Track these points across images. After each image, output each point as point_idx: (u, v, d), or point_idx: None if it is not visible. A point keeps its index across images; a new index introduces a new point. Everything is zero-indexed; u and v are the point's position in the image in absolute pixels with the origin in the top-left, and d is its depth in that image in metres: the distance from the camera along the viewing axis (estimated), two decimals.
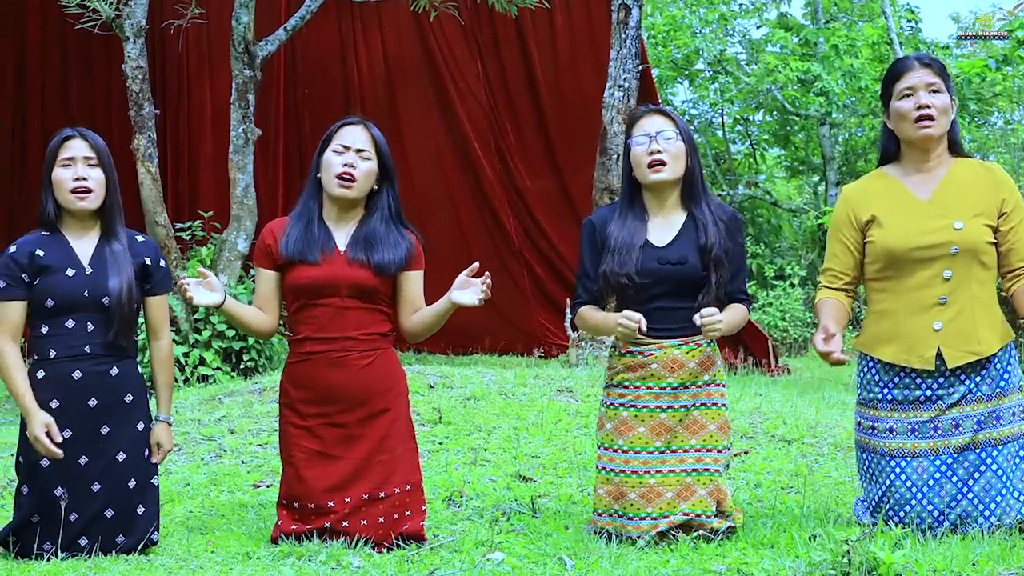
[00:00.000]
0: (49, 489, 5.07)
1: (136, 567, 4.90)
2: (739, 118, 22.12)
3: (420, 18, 13.89)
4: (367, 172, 5.37)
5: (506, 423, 7.77)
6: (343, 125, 5.46)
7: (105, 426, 5.15)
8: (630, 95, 11.63)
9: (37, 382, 5.13)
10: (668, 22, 20.78)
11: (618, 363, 5.32)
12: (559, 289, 14.21)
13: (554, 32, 14.62)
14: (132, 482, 5.19)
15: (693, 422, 5.23)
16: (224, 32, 12.09)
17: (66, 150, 5.20)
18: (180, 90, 14.58)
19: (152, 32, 11.67)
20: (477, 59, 14.74)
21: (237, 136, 11.23)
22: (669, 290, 5.21)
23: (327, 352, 5.26)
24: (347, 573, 4.81)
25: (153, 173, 11.07)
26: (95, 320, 5.13)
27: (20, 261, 5.14)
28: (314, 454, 5.26)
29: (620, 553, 4.96)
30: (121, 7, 10.95)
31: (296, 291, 5.29)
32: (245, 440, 7.58)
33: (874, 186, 5.30)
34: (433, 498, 6.04)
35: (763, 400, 8.61)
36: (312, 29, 13.49)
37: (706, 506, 5.15)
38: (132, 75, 11.00)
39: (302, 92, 14.83)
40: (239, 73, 11.24)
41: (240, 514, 5.93)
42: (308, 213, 5.41)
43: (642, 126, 5.34)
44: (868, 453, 5.23)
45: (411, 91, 14.84)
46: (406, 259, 5.37)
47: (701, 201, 5.36)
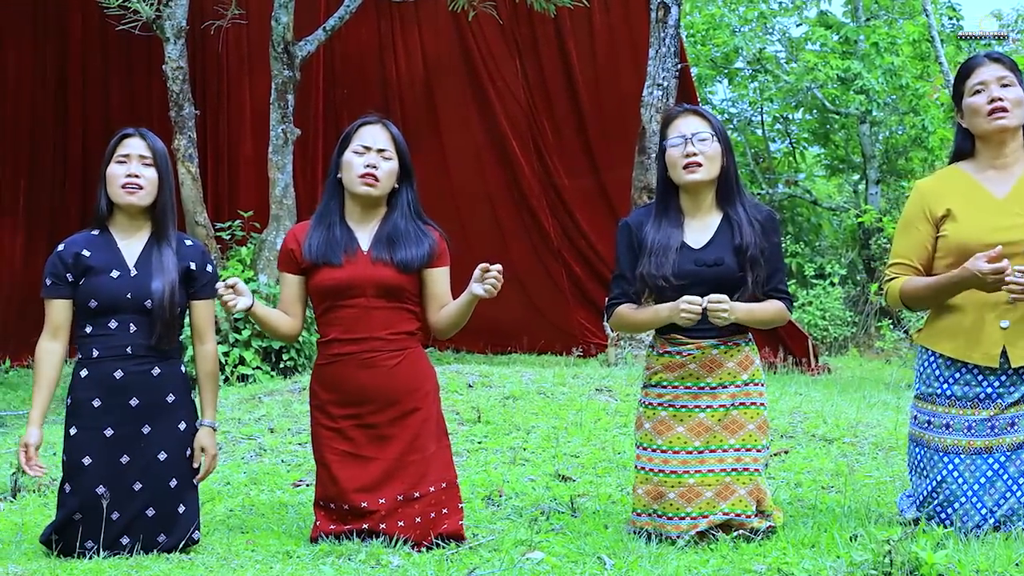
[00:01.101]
0: (91, 487, 5.10)
1: (177, 566, 4.92)
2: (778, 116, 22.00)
3: (458, 17, 13.90)
4: (389, 171, 5.37)
5: (545, 422, 7.77)
6: (362, 125, 5.45)
7: (147, 425, 5.17)
8: (669, 94, 11.60)
9: (80, 380, 5.17)
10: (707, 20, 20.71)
11: (656, 363, 5.31)
12: (598, 288, 14.18)
13: (593, 31, 14.59)
14: (173, 481, 5.21)
15: (732, 421, 5.21)
16: (264, 32, 12.13)
17: (123, 147, 5.24)
18: (220, 90, 14.64)
19: (192, 33, 11.72)
20: (516, 58, 14.73)
21: (276, 136, 11.26)
22: (706, 291, 5.18)
23: (355, 353, 5.26)
24: (387, 572, 4.81)
25: (193, 173, 11.13)
26: (137, 322, 5.15)
27: (66, 261, 5.18)
28: (346, 455, 5.26)
29: (659, 553, 4.95)
30: (162, 8, 11.01)
31: (322, 293, 5.30)
32: (285, 439, 7.61)
33: (949, 181, 5.25)
34: (472, 497, 6.04)
35: (803, 399, 8.57)
36: (351, 29, 13.52)
37: (746, 506, 5.13)
38: (172, 76, 11.05)
39: (341, 92, 14.86)
40: (278, 73, 11.27)
41: (280, 513, 5.95)
42: (329, 215, 5.42)
43: (677, 127, 5.32)
44: (921, 447, 5.19)
45: (449, 90, 14.84)
46: (429, 255, 5.36)
47: (736, 201, 5.33)
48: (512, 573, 4.78)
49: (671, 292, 5.19)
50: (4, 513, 6.18)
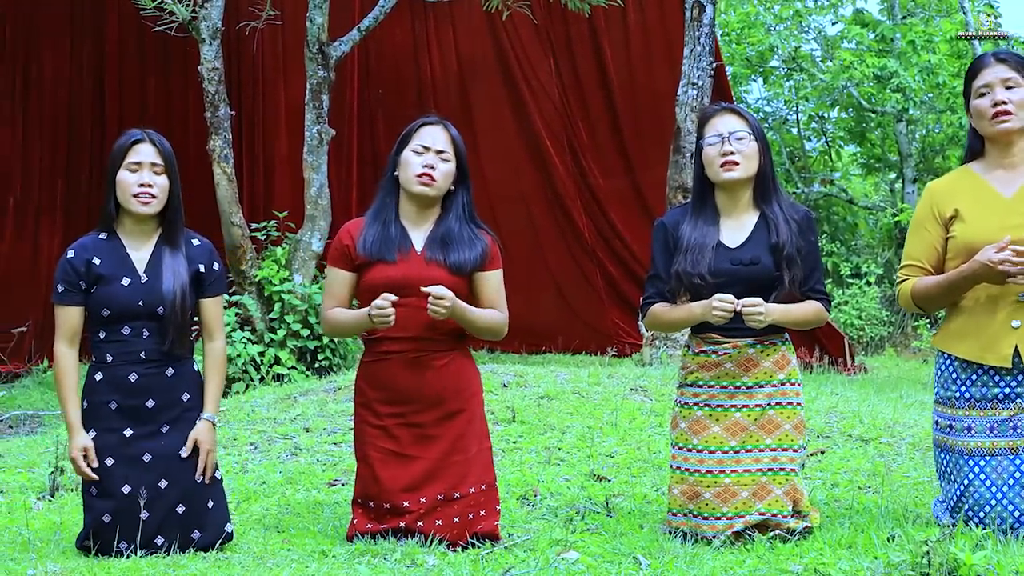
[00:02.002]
0: (117, 488, 5.11)
1: (213, 564, 4.94)
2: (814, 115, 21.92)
3: (493, 17, 13.89)
4: (446, 173, 5.36)
5: (580, 422, 7.76)
6: (423, 124, 5.44)
7: (165, 425, 5.19)
8: (704, 93, 11.56)
9: (95, 383, 5.19)
10: (742, 19, 20.65)
11: (692, 362, 5.30)
12: (632, 288, 14.16)
13: (627, 30, 14.57)
14: (198, 477, 5.22)
15: (768, 421, 5.19)
16: (299, 33, 12.16)
17: (134, 154, 5.19)
18: (255, 91, 14.69)
19: (228, 34, 11.76)
20: (550, 57, 14.72)
21: (311, 136, 11.29)
22: (743, 291, 5.17)
23: (404, 352, 5.26)
24: (422, 572, 4.81)
25: (229, 174, 11.16)
26: (150, 328, 5.16)
27: (78, 268, 5.17)
28: (390, 454, 5.26)
29: (695, 553, 4.93)
30: (197, 9, 11.05)
31: (373, 291, 5.27)
32: (320, 439, 7.62)
33: (959, 182, 5.24)
34: (507, 497, 6.04)
35: (839, 399, 8.53)
36: (385, 29, 13.54)
37: (782, 506, 5.11)
38: (208, 76, 11.08)
39: (376, 92, 14.89)
40: (313, 73, 11.30)
41: (316, 512, 5.96)
42: (385, 212, 5.41)
43: (714, 126, 5.31)
44: (946, 452, 5.16)
45: (484, 90, 14.85)
46: (481, 259, 5.35)
47: (773, 200, 5.32)
48: (547, 573, 4.77)
49: (707, 291, 5.18)
50: (43, 512, 6.21)
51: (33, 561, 5.01)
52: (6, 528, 5.81)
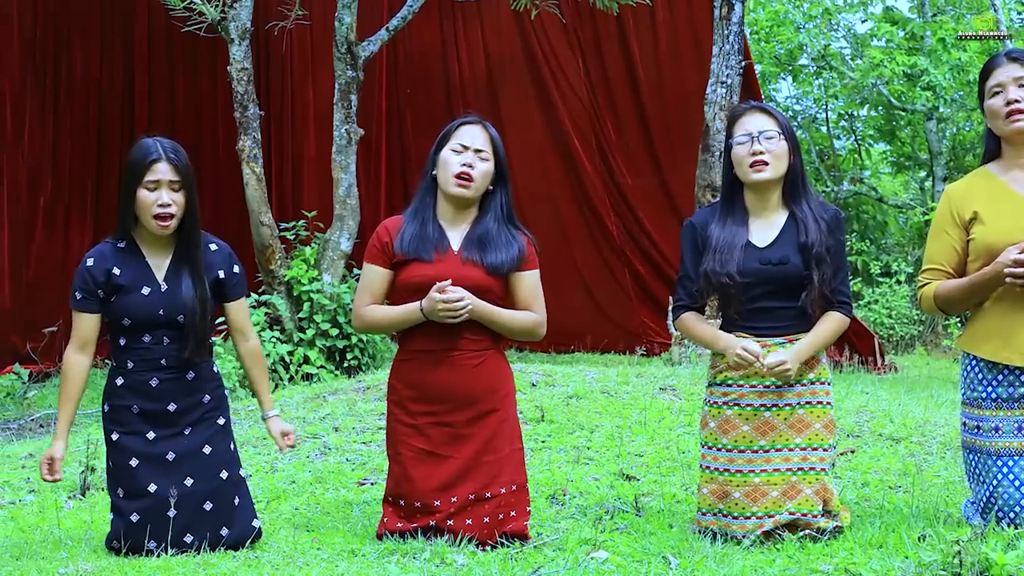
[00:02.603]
0: (143, 488, 5.13)
1: (243, 563, 4.95)
2: (843, 113, 21.82)
3: (521, 17, 13.90)
4: (484, 172, 5.36)
5: (609, 421, 7.75)
6: (462, 124, 5.43)
7: (187, 427, 5.21)
8: (733, 92, 11.53)
9: (117, 388, 5.21)
10: (771, 17, 20.57)
11: (721, 361, 5.29)
12: (661, 287, 14.13)
13: (656, 29, 14.54)
14: (224, 474, 5.24)
15: (798, 420, 5.18)
16: (327, 33, 12.19)
17: (152, 173, 5.11)
18: (284, 91, 14.72)
19: (256, 34, 11.79)
20: (578, 57, 14.70)
21: (340, 136, 11.31)
22: (772, 290, 5.16)
23: (438, 351, 5.27)
24: (451, 571, 4.81)
25: (258, 174, 11.19)
26: (171, 335, 5.18)
27: (97, 278, 5.17)
28: (422, 453, 5.26)
29: (725, 552, 4.92)
30: (226, 9, 11.08)
31: (409, 289, 5.28)
32: (349, 438, 7.63)
33: (976, 184, 5.22)
34: (536, 496, 6.04)
35: (870, 398, 8.50)
36: (414, 29, 13.56)
37: (812, 505, 5.10)
38: (237, 77, 11.12)
39: (404, 92, 14.90)
40: (342, 73, 11.32)
41: (345, 511, 5.97)
42: (423, 211, 5.41)
43: (743, 125, 5.29)
44: (975, 453, 5.13)
45: (512, 89, 14.85)
46: (518, 260, 5.36)
47: (802, 200, 5.30)
48: (577, 572, 4.77)
49: (735, 291, 5.17)
50: (73, 511, 6.25)
51: (64, 559, 5.04)
52: (38, 527, 5.85)
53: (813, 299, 5.17)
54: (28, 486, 6.95)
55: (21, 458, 7.86)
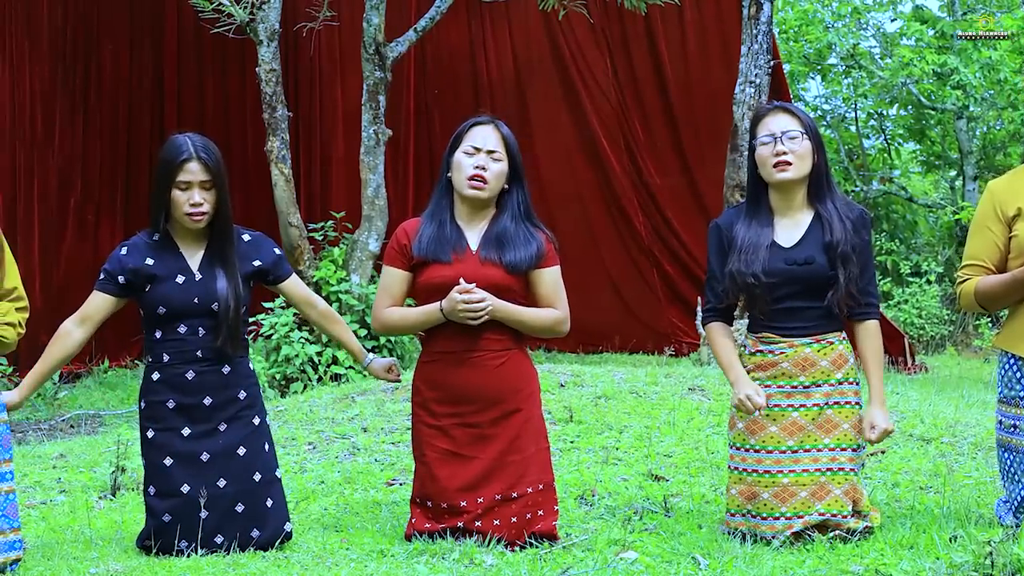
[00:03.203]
0: (176, 487, 5.16)
1: (273, 563, 4.97)
2: (873, 113, 21.71)
3: (549, 17, 13.88)
4: (498, 173, 5.36)
5: (638, 422, 7.74)
6: (473, 125, 5.44)
7: (222, 423, 5.23)
8: (761, 91, 11.50)
9: (153, 383, 5.23)
10: (800, 17, 20.48)
11: (749, 362, 5.28)
12: (689, 287, 14.10)
13: (684, 28, 14.51)
14: (257, 476, 5.26)
15: (826, 421, 5.16)
16: (355, 34, 12.20)
17: (184, 173, 5.15)
18: (312, 92, 14.74)
19: (285, 35, 11.81)
20: (606, 57, 14.68)
21: (368, 137, 11.32)
22: (797, 290, 5.16)
23: (460, 352, 5.27)
24: (480, 571, 4.82)
25: (286, 175, 11.21)
26: (206, 325, 5.20)
27: (126, 266, 5.22)
28: (447, 454, 5.27)
29: (755, 553, 4.91)
30: (255, 11, 11.11)
31: (429, 290, 5.29)
32: (378, 438, 7.64)
33: (1019, 180, 5.18)
34: (565, 497, 6.04)
35: (900, 399, 8.46)
36: (441, 29, 13.56)
37: (842, 506, 5.08)
38: (266, 78, 11.14)
39: (432, 92, 14.90)
40: (370, 74, 11.33)
41: (374, 512, 5.98)
42: (440, 213, 5.41)
43: (767, 125, 5.27)
44: (1010, 452, 5.11)
45: (540, 90, 14.83)
46: (537, 257, 5.35)
47: (827, 199, 5.28)
48: (606, 573, 4.77)
49: (761, 291, 5.16)
50: (104, 511, 6.27)
51: (95, 559, 5.06)
52: (69, 527, 5.87)
53: (840, 298, 5.15)
54: (59, 486, 6.98)
55: (52, 458, 7.90)
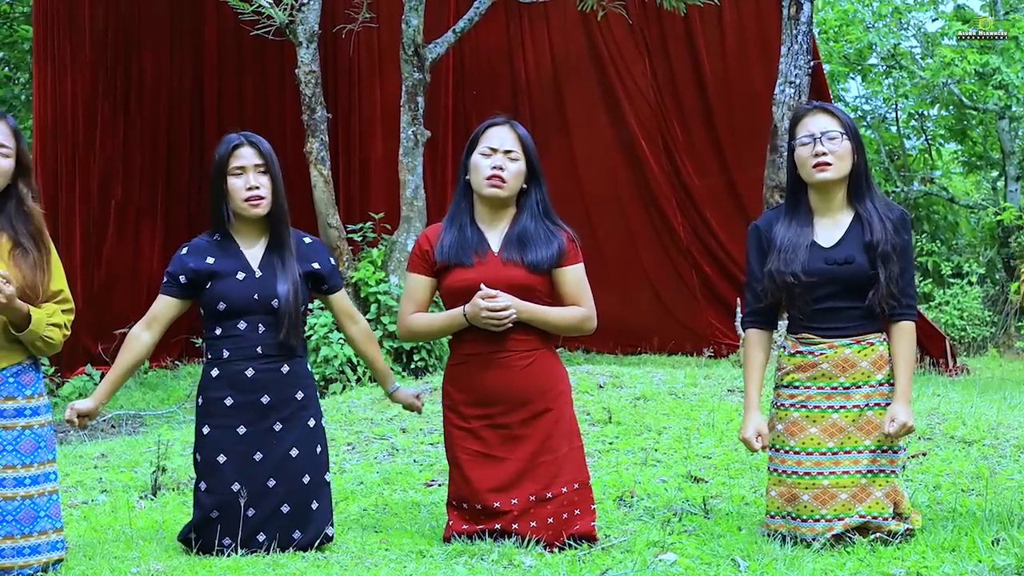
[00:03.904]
0: (227, 485, 5.18)
1: (312, 563, 4.98)
2: (914, 113, 21.59)
3: (587, 17, 13.87)
4: (516, 173, 5.37)
5: (676, 423, 7.72)
6: (489, 126, 5.46)
7: (278, 423, 5.25)
8: (801, 91, 11.46)
9: (212, 380, 5.27)
10: (840, 17, 20.39)
11: (788, 363, 5.25)
12: (728, 288, 14.06)
13: (723, 29, 14.46)
14: (306, 478, 5.28)
15: (867, 422, 5.13)
16: (394, 35, 12.23)
17: (236, 159, 5.29)
18: (351, 93, 14.78)
19: (324, 36, 11.84)
20: (645, 57, 14.65)
21: (407, 138, 11.34)
22: (837, 290, 5.13)
23: (487, 353, 5.27)
24: (519, 572, 4.81)
25: (325, 176, 11.25)
26: (265, 322, 5.24)
27: (187, 265, 5.29)
28: (478, 455, 5.27)
29: (795, 555, 4.89)
30: (294, 13, 11.15)
31: (454, 294, 5.31)
32: (417, 439, 7.65)
33: None
34: (604, 498, 6.03)
35: (941, 400, 8.41)
36: (480, 30, 13.56)
37: (883, 508, 5.05)
38: (305, 80, 11.18)
39: (470, 93, 14.91)
40: (409, 75, 11.35)
41: (413, 512, 5.98)
42: (460, 217, 5.44)
43: (806, 125, 5.25)
44: None
45: (578, 90, 14.82)
46: (559, 255, 5.35)
47: (867, 199, 5.25)
48: (645, 574, 4.75)
49: (800, 290, 5.14)
50: (145, 511, 6.30)
51: (136, 559, 5.09)
52: (110, 526, 5.91)
53: (880, 298, 5.12)
54: (100, 486, 7.02)
55: (93, 458, 7.95)
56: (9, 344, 4.91)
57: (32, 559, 4.88)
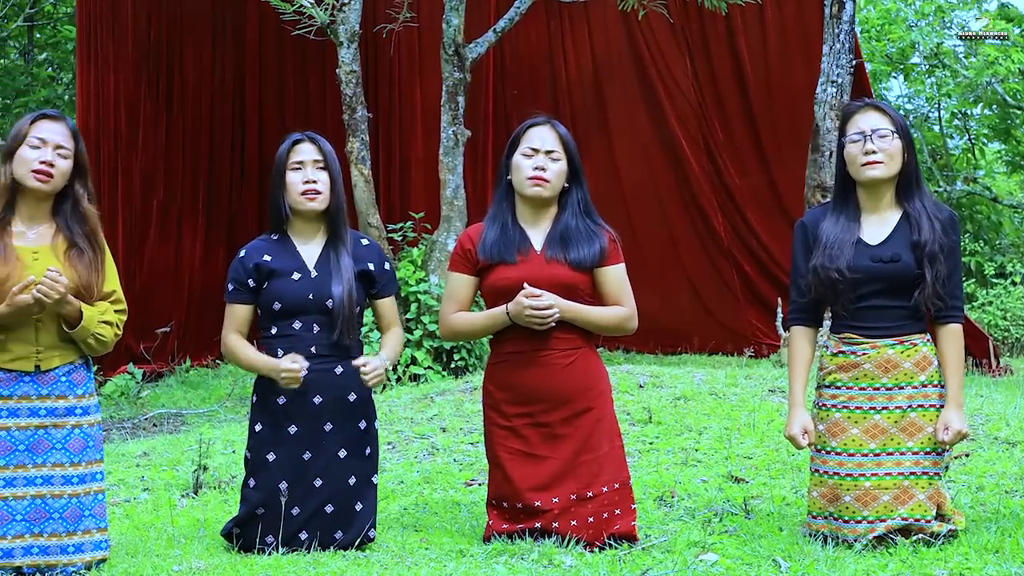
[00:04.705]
0: (274, 483, 5.21)
1: (353, 563, 4.99)
2: (956, 112, 21.46)
3: (628, 17, 13.84)
4: (558, 172, 5.38)
5: (717, 423, 7.69)
6: (530, 127, 5.47)
7: (328, 423, 5.27)
8: (843, 91, 11.40)
9: (265, 379, 5.28)
10: (882, 15, 20.30)
11: (830, 363, 5.23)
12: (769, 288, 14.00)
13: (764, 28, 14.40)
14: (352, 479, 5.29)
15: (910, 424, 5.10)
16: (435, 35, 12.23)
17: (296, 154, 5.35)
18: (392, 93, 14.80)
19: (364, 36, 11.87)
20: (686, 56, 14.60)
21: (447, 138, 11.35)
22: (882, 289, 5.10)
23: (529, 352, 5.27)
24: (559, 572, 4.81)
25: (366, 176, 11.27)
26: (320, 322, 5.27)
27: (248, 267, 5.32)
28: (519, 454, 5.27)
29: (836, 556, 4.86)
30: (335, 13, 11.17)
31: (496, 292, 5.31)
32: (457, 438, 7.66)
33: None
34: (644, 498, 6.01)
35: (984, 401, 8.35)
36: (520, 30, 13.56)
37: (925, 510, 5.02)
38: (346, 79, 11.21)
39: (511, 93, 14.91)
40: (449, 75, 11.36)
41: (453, 512, 5.99)
42: (502, 216, 5.44)
43: (856, 123, 5.22)
44: None
45: (619, 90, 14.79)
46: (601, 254, 5.35)
47: (916, 198, 5.22)
48: (686, 575, 4.74)
49: (844, 287, 5.11)
50: (187, 509, 6.33)
51: (178, 557, 5.11)
52: (152, 524, 5.94)
53: (926, 298, 5.08)
54: (142, 484, 7.06)
55: (135, 457, 7.99)
56: (62, 344, 4.98)
57: (76, 557, 4.92)
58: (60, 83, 19.89)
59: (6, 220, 4.95)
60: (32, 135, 4.94)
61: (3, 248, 4.88)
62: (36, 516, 4.87)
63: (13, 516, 4.84)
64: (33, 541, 4.86)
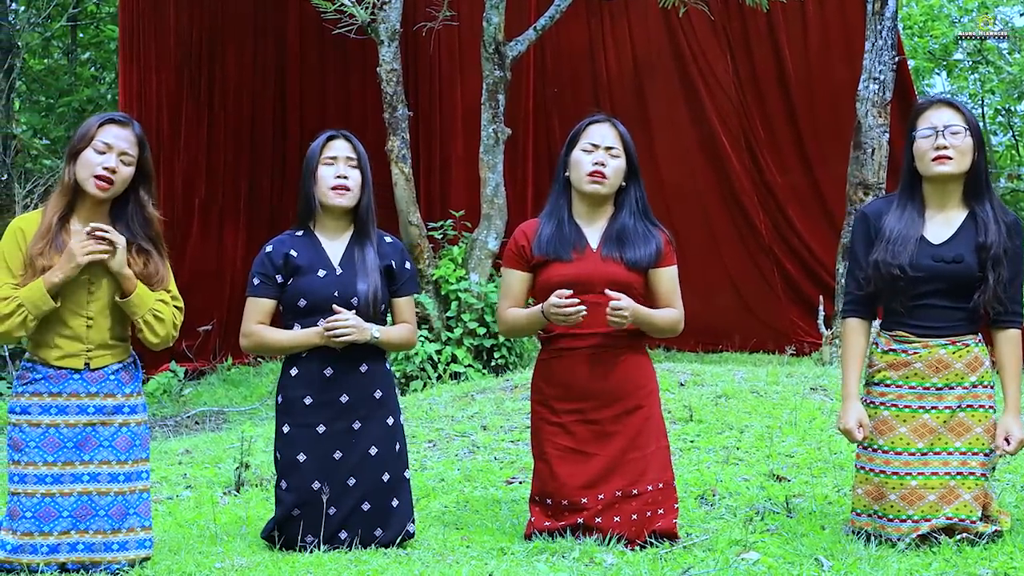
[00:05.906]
0: (307, 483, 5.21)
1: (394, 560, 5.00)
2: (1000, 109, 21.32)
3: (669, 14, 13.80)
4: (617, 169, 5.36)
5: (758, 421, 7.67)
6: (591, 123, 5.45)
7: (357, 422, 5.27)
8: (886, 88, 11.33)
9: (291, 379, 5.30)
10: (925, 12, 20.21)
11: (880, 360, 5.19)
12: (811, 286, 13.94)
13: (806, 25, 14.34)
14: (386, 476, 5.30)
15: (958, 424, 5.06)
16: (475, 33, 12.24)
17: (330, 149, 5.36)
18: (432, 91, 14.82)
19: (405, 35, 11.88)
20: (726, 54, 14.56)
21: (487, 136, 11.35)
22: (941, 289, 5.05)
23: (581, 349, 5.26)
24: (600, 570, 4.80)
25: (406, 174, 11.29)
26: None
27: (276, 262, 5.32)
28: (568, 451, 5.26)
29: (879, 555, 4.84)
30: (376, 11, 11.19)
31: (551, 289, 5.28)
32: (497, 436, 7.66)
33: None
34: (685, 496, 6.00)
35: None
36: (561, 27, 13.54)
37: (971, 511, 4.98)
38: (386, 78, 11.22)
39: (551, 91, 14.90)
40: (489, 73, 11.36)
41: (494, 510, 5.99)
42: (558, 212, 5.43)
43: (928, 118, 5.16)
44: None
45: (659, 87, 14.76)
46: (656, 255, 5.34)
47: (984, 199, 5.16)
48: (727, 573, 4.72)
49: (903, 283, 5.06)
50: (229, 507, 6.36)
51: (220, 554, 5.13)
52: (194, 522, 5.96)
53: (986, 301, 5.03)
54: (185, 482, 7.09)
55: (178, 454, 8.03)
56: (114, 342, 5.02)
57: (120, 555, 4.94)
58: (103, 83, 20.01)
59: (65, 218, 4.99)
60: (98, 139, 4.96)
61: (61, 243, 4.92)
62: (82, 513, 4.89)
63: (60, 512, 4.87)
64: (79, 538, 4.89)
